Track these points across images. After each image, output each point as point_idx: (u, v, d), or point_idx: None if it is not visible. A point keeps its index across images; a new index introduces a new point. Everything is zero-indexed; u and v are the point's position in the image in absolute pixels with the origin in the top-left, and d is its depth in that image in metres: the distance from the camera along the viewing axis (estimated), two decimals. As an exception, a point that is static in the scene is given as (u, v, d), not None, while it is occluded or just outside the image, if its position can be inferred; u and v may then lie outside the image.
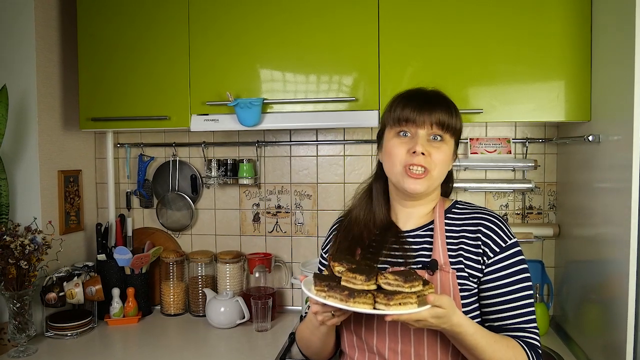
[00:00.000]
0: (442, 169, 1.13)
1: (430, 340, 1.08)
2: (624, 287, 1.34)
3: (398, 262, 1.14)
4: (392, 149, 1.13)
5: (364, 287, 0.96)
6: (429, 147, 1.10)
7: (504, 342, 1.04)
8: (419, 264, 1.12)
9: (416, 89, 1.18)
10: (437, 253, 1.12)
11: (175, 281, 2.14)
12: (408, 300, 0.92)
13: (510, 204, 2.05)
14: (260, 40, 1.81)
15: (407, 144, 1.11)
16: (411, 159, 1.10)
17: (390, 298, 0.92)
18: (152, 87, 1.89)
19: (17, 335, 1.69)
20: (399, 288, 0.95)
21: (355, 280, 0.97)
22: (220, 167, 2.15)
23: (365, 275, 0.97)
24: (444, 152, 1.12)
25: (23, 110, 1.88)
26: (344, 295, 0.93)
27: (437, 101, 1.13)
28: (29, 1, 1.86)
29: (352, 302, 0.92)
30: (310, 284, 1.04)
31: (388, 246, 1.16)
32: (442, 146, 1.12)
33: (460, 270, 1.10)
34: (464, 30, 1.69)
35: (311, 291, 1.00)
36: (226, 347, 1.80)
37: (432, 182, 1.13)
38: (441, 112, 1.11)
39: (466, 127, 2.02)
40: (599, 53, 1.59)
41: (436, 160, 1.11)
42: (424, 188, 1.12)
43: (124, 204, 2.29)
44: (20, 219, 1.87)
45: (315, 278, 1.02)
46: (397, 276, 0.96)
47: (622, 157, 1.37)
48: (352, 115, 1.76)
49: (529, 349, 1.06)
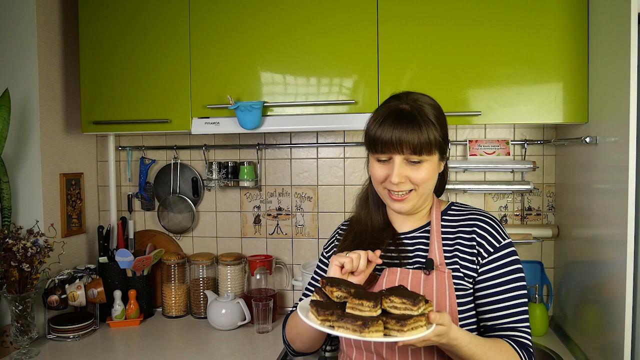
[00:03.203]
0: (427, 185, 1.12)
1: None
2: (622, 287, 1.35)
3: (394, 263, 1.15)
4: (372, 171, 1.14)
5: (372, 314, 0.92)
6: (407, 171, 1.09)
7: (497, 347, 1.05)
8: (415, 264, 1.14)
9: (390, 110, 1.10)
10: (433, 253, 1.13)
11: (176, 283, 2.15)
12: (419, 324, 0.91)
13: (509, 205, 2.06)
14: (261, 44, 1.83)
15: (385, 169, 1.11)
16: (390, 185, 1.10)
17: (404, 324, 0.89)
18: (154, 91, 1.90)
19: (20, 337, 1.70)
20: (407, 311, 0.93)
21: (362, 307, 0.93)
22: (221, 170, 2.16)
23: (373, 301, 0.93)
24: (425, 170, 1.09)
25: (25, 113, 1.90)
26: (358, 325, 0.89)
27: (407, 124, 1.07)
28: (30, 5, 1.88)
29: (367, 331, 0.89)
30: (307, 311, 1.00)
31: (384, 247, 1.17)
32: (422, 165, 1.09)
33: (456, 270, 1.11)
34: (462, 33, 1.71)
35: (311, 319, 0.97)
36: (227, 349, 1.81)
37: (417, 199, 1.13)
38: (413, 136, 1.06)
39: (465, 129, 2.06)
40: (595, 56, 1.60)
41: (417, 181, 1.09)
42: (409, 207, 1.12)
43: (125, 207, 2.30)
44: (22, 221, 1.88)
45: (316, 307, 0.97)
46: (405, 299, 0.93)
47: (619, 158, 1.39)
48: (351, 117, 1.78)
49: (520, 348, 1.07)
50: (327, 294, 1.02)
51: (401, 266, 1.13)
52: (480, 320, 1.14)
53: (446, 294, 1.09)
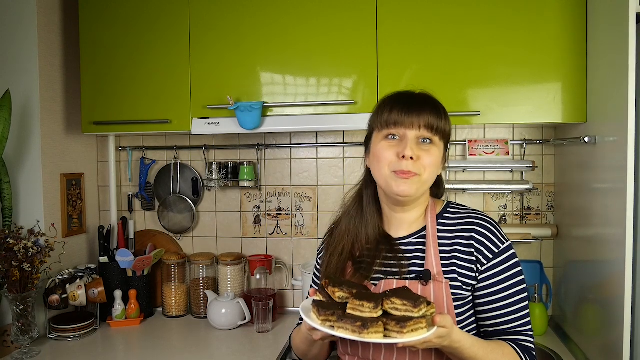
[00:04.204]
0: (432, 172, 1.10)
1: (426, 353, 1.07)
2: (621, 286, 1.35)
3: (392, 272, 1.12)
4: (380, 152, 1.09)
5: (373, 315, 0.93)
6: (418, 151, 1.07)
7: (500, 350, 1.05)
8: (412, 274, 1.11)
9: (404, 92, 1.14)
10: (429, 263, 1.10)
11: (176, 283, 2.15)
12: (419, 325, 0.91)
13: (508, 205, 2.07)
14: (260, 44, 1.83)
15: (395, 147, 1.08)
16: (399, 164, 1.06)
17: (404, 326, 0.90)
18: (154, 91, 1.90)
19: (21, 337, 1.70)
20: (408, 313, 0.93)
21: (363, 308, 0.93)
22: (221, 170, 2.16)
23: (373, 302, 0.93)
24: (434, 155, 1.08)
25: (26, 114, 1.90)
26: (357, 326, 0.90)
27: (425, 103, 1.09)
28: (31, 6, 1.88)
29: (366, 332, 0.89)
30: (309, 311, 1.00)
31: (382, 256, 1.14)
32: (432, 149, 1.08)
33: (454, 280, 1.09)
34: (462, 33, 1.71)
35: (312, 319, 0.97)
36: (227, 349, 1.81)
37: (421, 185, 1.09)
38: (430, 114, 1.07)
39: (464, 129, 2.06)
40: (594, 55, 1.61)
41: (425, 164, 1.07)
42: (413, 190, 1.08)
43: (125, 207, 2.31)
44: (23, 222, 1.89)
45: (318, 307, 0.97)
46: (405, 301, 0.93)
47: (618, 158, 1.39)
48: (351, 118, 1.78)
49: (523, 352, 1.07)
50: (329, 294, 1.02)
51: (399, 274, 1.11)
52: (481, 326, 1.13)
53: (444, 304, 1.07)
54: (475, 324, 1.13)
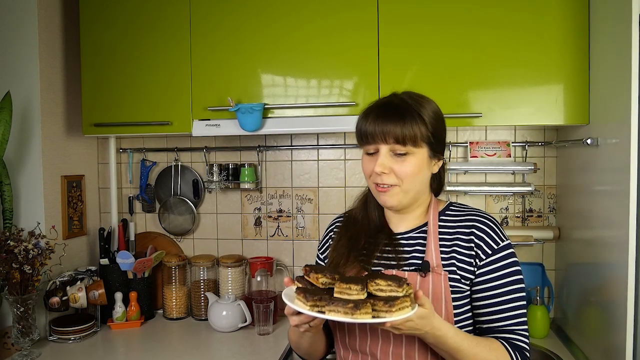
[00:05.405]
0: (412, 180, 1.10)
1: (422, 342, 1.08)
2: (623, 289, 1.35)
3: (391, 265, 1.14)
4: (363, 166, 1.15)
5: (360, 297, 0.94)
6: (391, 163, 1.08)
7: (486, 344, 1.05)
8: (411, 266, 1.13)
9: (378, 103, 1.14)
10: (429, 255, 1.12)
11: (177, 285, 2.15)
12: (405, 304, 0.93)
13: (510, 207, 2.06)
14: (261, 46, 1.83)
15: (372, 161, 1.11)
16: (376, 178, 1.10)
17: (392, 304, 0.91)
18: (154, 93, 1.90)
19: (21, 339, 1.70)
20: (393, 293, 0.95)
21: (350, 290, 0.95)
22: (221, 172, 2.16)
23: (360, 284, 0.95)
24: (410, 164, 1.08)
25: (26, 116, 1.90)
26: (349, 308, 0.91)
27: (393, 114, 1.08)
28: (32, 8, 1.88)
29: (359, 313, 0.91)
30: (293, 299, 1.00)
31: (381, 248, 1.16)
32: (407, 159, 1.08)
33: (453, 273, 1.10)
34: (463, 34, 1.71)
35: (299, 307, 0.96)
36: (228, 351, 1.81)
37: (404, 194, 1.11)
38: (396, 126, 1.06)
39: (466, 131, 2.06)
40: (596, 57, 1.60)
41: (401, 175, 1.08)
42: (395, 201, 1.11)
43: (126, 209, 2.30)
44: (23, 223, 1.88)
45: (304, 293, 0.97)
46: (390, 281, 0.96)
47: (620, 160, 1.38)
48: (352, 119, 1.76)
49: (514, 349, 1.06)
50: (311, 281, 1.04)
51: (398, 267, 1.13)
52: (476, 322, 1.13)
53: (442, 296, 1.08)
54: (471, 320, 1.13)
